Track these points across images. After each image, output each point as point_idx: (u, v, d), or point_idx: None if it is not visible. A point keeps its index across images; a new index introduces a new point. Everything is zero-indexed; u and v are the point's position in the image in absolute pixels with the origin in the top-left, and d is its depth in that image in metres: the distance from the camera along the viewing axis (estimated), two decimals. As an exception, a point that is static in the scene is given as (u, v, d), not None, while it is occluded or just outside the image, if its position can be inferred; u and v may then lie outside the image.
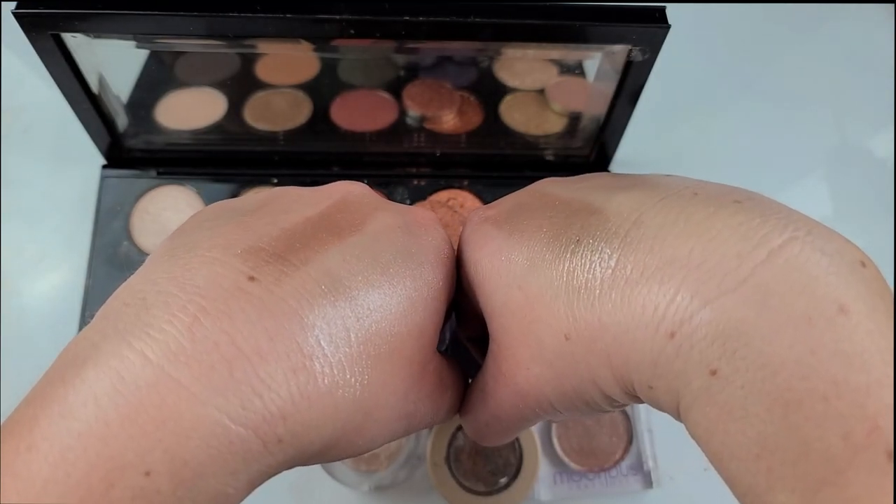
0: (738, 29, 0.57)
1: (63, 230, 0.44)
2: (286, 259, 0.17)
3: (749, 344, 0.13)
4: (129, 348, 0.14)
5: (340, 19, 0.30)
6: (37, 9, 0.30)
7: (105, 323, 0.15)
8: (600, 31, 0.31)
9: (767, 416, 0.13)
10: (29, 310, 0.41)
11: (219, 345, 0.14)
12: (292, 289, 0.16)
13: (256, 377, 0.14)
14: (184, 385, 0.14)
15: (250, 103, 0.45)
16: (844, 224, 0.48)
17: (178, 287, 0.15)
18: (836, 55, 0.55)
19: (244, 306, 0.15)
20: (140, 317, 0.15)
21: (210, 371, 0.14)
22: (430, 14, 0.30)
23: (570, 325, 0.17)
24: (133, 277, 0.17)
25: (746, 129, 0.52)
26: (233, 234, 0.17)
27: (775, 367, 0.13)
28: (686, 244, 0.15)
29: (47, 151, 0.47)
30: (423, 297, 0.19)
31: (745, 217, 0.15)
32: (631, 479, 0.37)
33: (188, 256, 0.16)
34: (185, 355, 0.14)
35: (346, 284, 0.17)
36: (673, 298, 0.15)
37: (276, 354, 0.15)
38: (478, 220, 0.22)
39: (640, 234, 0.16)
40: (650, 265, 0.15)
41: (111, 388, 0.14)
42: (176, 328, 0.14)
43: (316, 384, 0.15)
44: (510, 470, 0.36)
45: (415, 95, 0.46)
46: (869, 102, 0.53)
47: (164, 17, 0.30)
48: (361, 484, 0.36)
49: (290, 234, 0.18)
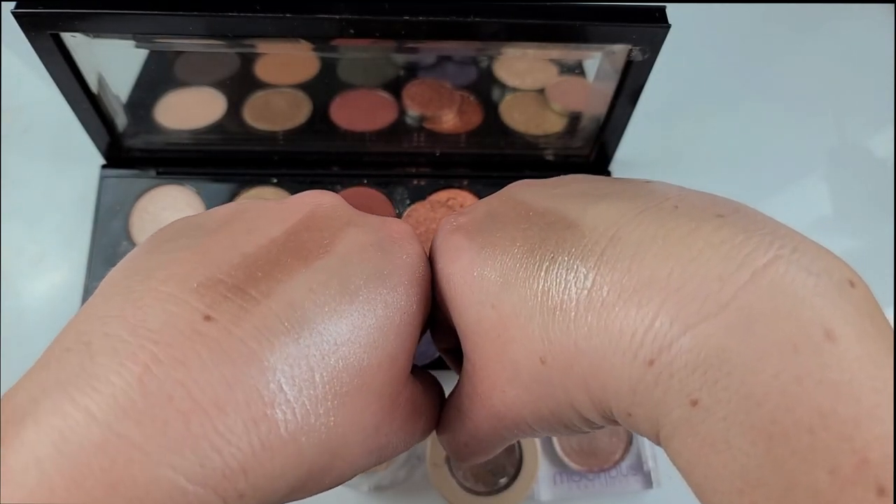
0: (738, 29, 0.57)
1: (63, 230, 0.44)
2: (246, 292, 0.15)
3: (731, 373, 0.13)
4: (73, 403, 0.13)
5: (340, 19, 0.30)
6: (36, 8, 0.30)
7: (45, 374, 0.14)
8: (600, 30, 0.31)
9: (751, 450, 0.13)
10: (28, 309, 0.41)
11: (173, 398, 0.13)
12: (252, 328, 0.15)
13: (215, 431, 0.13)
14: (135, 444, 0.12)
15: (250, 103, 0.45)
16: (844, 224, 0.48)
17: (129, 330, 0.14)
18: (836, 55, 0.55)
19: (200, 351, 0.14)
20: (84, 366, 0.13)
21: (164, 427, 0.13)
22: (430, 14, 0.30)
23: (546, 349, 0.16)
24: (81, 312, 0.15)
25: (746, 129, 0.52)
26: (190, 262, 0.16)
27: (759, 397, 0.12)
28: (665, 265, 0.14)
29: (47, 151, 0.47)
30: (394, 325, 0.18)
31: (728, 234, 0.14)
32: (631, 480, 0.37)
33: (141, 290, 0.15)
34: (135, 410, 0.13)
35: (311, 318, 0.16)
36: (651, 324, 0.14)
37: (236, 404, 0.14)
38: (449, 229, 0.21)
39: (618, 253, 0.15)
40: (627, 287, 0.15)
41: (54, 449, 0.12)
42: (124, 380, 0.13)
43: (278, 433, 0.14)
44: (510, 470, 0.36)
45: (414, 95, 0.46)
46: (869, 102, 0.53)
47: (163, 16, 0.30)
48: (361, 484, 0.36)
49: (251, 262, 0.16)
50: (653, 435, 0.15)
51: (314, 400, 0.15)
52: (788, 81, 0.54)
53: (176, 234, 0.18)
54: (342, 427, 0.16)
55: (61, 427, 0.12)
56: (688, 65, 0.50)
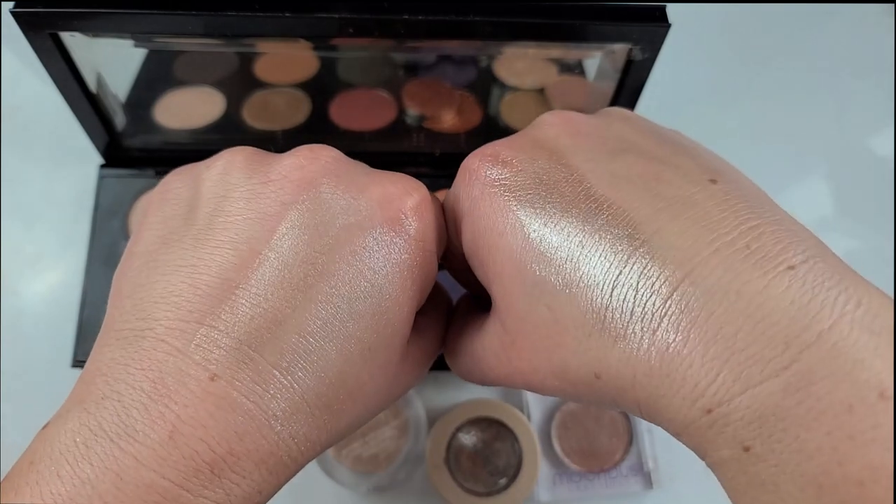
0: (738, 29, 0.57)
1: (61, 230, 0.44)
2: (240, 349, 0.17)
3: (786, 430, 0.14)
4: (121, 451, 0.15)
5: (339, 18, 0.30)
6: (35, 8, 0.29)
7: (86, 416, 0.16)
8: (600, 29, 0.31)
9: (800, 495, 0.13)
10: (26, 309, 0.41)
11: (198, 452, 0.16)
12: (251, 383, 0.17)
13: (233, 472, 0.16)
14: (176, 483, 0.15)
15: (249, 102, 0.45)
16: (845, 224, 0.48)
17: (150, 385, 0.16)
18: (836, 55, 0.55)
19: (213, 412, 0.16)
20: (121, 418, 0.16)
21: (196, 472, 0.16)
22: (430, 13, 0.30)
23: (602, 368, 0.17)
24: (99, 346, 0.18)
25: (746, 129, 0.52)
26: (187, 302, 0.17)
27: (811, 451, 0.13)
28: (734, 322, 0.15)
29: (45, 151, 0.47)
30: (385, 341, 0.19)
31: (798, 293, 0.15)
32: (631, 480, 0.37)
33: (150, 337, 0.17)
34: (171, 460, 0.16)
35: (303, 364, 0.18)
36: (714, 379, 0.15)
37: (246, 451, 0.16)
38: (490, 181, 0.20)
39: (689, 299, 0.15)
40: (695, 339, 0.15)
41: (113, 486, 0.15)
42: (158, 435, 0.16)
43: (283, 464, 0.17)
44: (510, 471, 0.36)
45: (414, 94, 0.46)
46: (869, 102, 0.53)
47: (162, 16, 0.30)
48: (360, 485, 0.36)
49: (247, 320, 0.17)
50: (698, 454, 0.16)
51: (313, 425, 0.18)
52: (788, 81, 0.54)
53: (169, 234, 0.19)
54: (341, 428, 0.19)
55: (116, 469, 0.15)
56: (688, 65, 0.50)
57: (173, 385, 0.16)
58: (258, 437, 0.17)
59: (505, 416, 0.37)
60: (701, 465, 0.16)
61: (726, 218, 0.17)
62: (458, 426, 0.37)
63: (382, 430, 0.37)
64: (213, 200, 0.20)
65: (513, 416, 0.37)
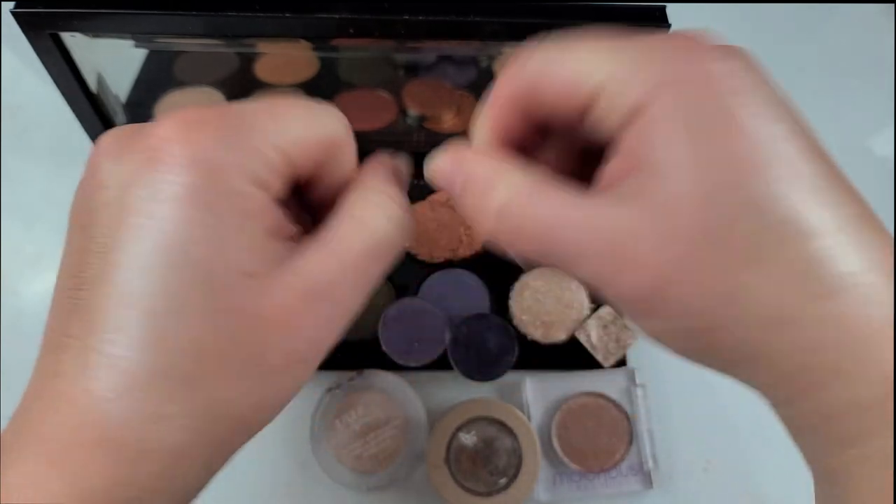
0: (739, 29, 0.57)
1: (61, 230, 0.43)
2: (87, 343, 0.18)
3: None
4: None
5: (340, 18, 0.30)
6: (35, 8, 0.29)
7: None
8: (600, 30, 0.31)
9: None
10: (26, 309, 0.41)
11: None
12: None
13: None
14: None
15: (249, 103, 0.45)
16: (844, 224, 0.48)
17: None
18: (836, 55, 0.55)
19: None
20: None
21: None
22: (430, 13, 0.30)
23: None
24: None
25: (746, 129, 0.51)
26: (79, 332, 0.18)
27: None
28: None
29: (45, 151, 0.47)
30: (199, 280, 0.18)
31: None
32: (631, 480, 0.37)
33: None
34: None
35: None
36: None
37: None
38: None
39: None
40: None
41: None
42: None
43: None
44: (510, 471, 0.36)
45: (414, 95, 0.46)
46: (869, 102, 0.53)
47: (162, 16, 0.30)
48: (360, 484, 0.36)
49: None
50: (842, 445, 0.16)
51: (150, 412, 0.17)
52: (788, 81, 0.54)
53: (87, 242, 0.20)
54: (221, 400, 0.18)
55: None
56: (688, 65, 0.50)
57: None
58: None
59: (505, 416, 0.37)
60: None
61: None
62: (458, 426, 0.37)
63: (382, 430, 0.37)
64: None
65: (513, 415, 0.37)
